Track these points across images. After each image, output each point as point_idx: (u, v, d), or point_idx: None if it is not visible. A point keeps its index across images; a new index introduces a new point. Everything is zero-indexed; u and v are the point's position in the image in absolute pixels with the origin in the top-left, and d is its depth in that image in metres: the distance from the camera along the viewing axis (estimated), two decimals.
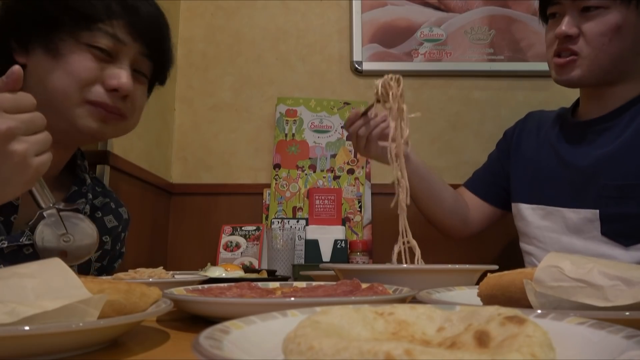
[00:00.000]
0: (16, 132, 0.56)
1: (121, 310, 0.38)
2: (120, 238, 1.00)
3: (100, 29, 0.76)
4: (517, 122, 1.31)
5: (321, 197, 1.46)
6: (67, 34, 0.76)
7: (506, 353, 0.21)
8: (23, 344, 0.31)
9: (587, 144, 1.06)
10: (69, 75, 0.75)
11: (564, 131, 1.14)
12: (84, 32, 0.76)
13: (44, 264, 0.38)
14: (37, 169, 0.59)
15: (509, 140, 1.28)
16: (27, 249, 0.79)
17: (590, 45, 0.99)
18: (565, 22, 1.00)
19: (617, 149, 1.00)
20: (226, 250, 1.33)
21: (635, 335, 0.25)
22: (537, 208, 1.12)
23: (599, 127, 1.05)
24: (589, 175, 1.02)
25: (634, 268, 0.39)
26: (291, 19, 1.74)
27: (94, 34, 0.76)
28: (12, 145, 0.56)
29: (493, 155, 1.33)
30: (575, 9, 1.01)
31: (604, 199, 0.99)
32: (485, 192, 1.28)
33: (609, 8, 0.98)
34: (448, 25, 1.70)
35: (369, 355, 0.20)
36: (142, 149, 1.43)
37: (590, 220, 1.01)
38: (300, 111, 1.64)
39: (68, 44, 0.76)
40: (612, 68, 1.01)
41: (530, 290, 0.41)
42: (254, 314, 0.30)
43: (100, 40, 0.76)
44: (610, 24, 0.98)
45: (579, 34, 1.00)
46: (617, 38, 0.98)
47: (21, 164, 0.57)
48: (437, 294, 0.50)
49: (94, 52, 0.77)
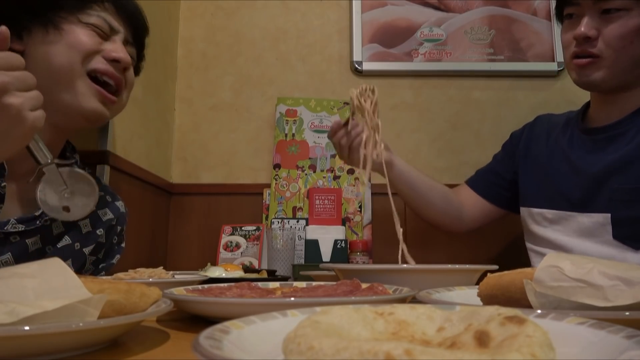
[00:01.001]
0: (10, 87, 0.57)
1: (121, 310, 0.38)
2: (117, 231, 0.99)
3: (92, 12, 0.82)
4: (526, 126, 1.30)
5: (321, 197, 1.46)
6: (67, 13, 0.80)
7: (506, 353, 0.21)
8: (23, 344, 0.31)
9: (599, 150, 1.06)
10: (72, 47, 0.79)
11: (575, 137, 1.13)
12: (81, 12, 0.81)
13: (44, 264, 0.38)
14: (33, 122, 0.60)
15: (516, 143, 1.28)
16: (14, 237, 0.79)
17: (611, 48, 0.98)
18: (585, 23, 0.99)
19: (628, 153, 0.99)
20: (226, 250, 1.33)
21: (635, 335, 0.25)
22: (549, 213, 1.12)
23: (611, 134, 1.05)
24: (600, 180, 1.02)
25: (634, 268, 0.39)
26: (291, 19, 1.74)
27: (90, 15, 0.82)
28: (7, 98, 0.57)
29: (498, 156, 1.33)
30: (595, 10, 0.99)
31: (615, 203, 0.99)
32: (485, 189, 1.28)
33: (631, 10, 0.97)
34: (448, 25, 1.70)
35: (369, 355, 0.20)
36: (142, 149, 1.43)
37: (602, 224, 1.01)
38: (300, 111, 1.64)
39: (68, 21, 0.80)
40: (633, 70, 1.00)
41: (530, 290, 0.41)
42: (254, 314, 0.30)
43: (94, 20, 0.82)
44: (632, 26, 0.96)
45: (597, 36, 0.99)
46: (638, 40, 0.97)
47: (17, 117, 0.58)
48: (437, 294, 0.50)
49: (93, 29, 0.81)
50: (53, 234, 0.86)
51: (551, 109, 1.26)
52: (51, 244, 0.86)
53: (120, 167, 1.25)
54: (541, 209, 1.14)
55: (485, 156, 1.38)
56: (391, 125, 1.67)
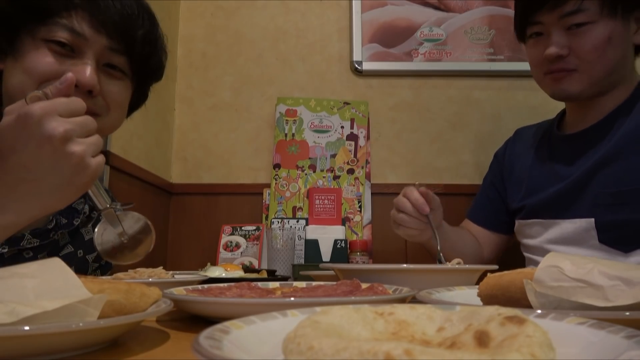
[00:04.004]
0: (73, 135, 0.56)
1: (121, 310, 0.38)
2: None
3: (58, 23, 0.72)
4: (507, 142, 1.32)
5: (321, 197, 1.46)
6: (25, 32, 0.72)
7: (506, 353, 0.21)
8: (23, 344, 0.31)
9: (578, 155, 1.07)
10: (25, 72, 0.71)
11: (553, 146, 1.15)
12: (41, 27, 0.72)
13: (44, 264, 0.38)
14: (95, 169, 0.59)
15: (501, 161, 1.29)
16: (27, 253, 0.78)
17: (585, 61, 0.99)
18: (555, 42, 1.00)
19: (607, 157, 1.00)
20: (226, 250, 1.33)
21: (635, 335, 0.25)
22: (535, 223, 1.13)
23: (588, 139, 1.06)
24: (582, 186, 1.03)
25: (634, 268, 0.39)
26: (291, 19, 1.74)
27: (51, 29, 0.72)
28: (70, 146, 0.56)
29: (487, 179, 1.33)
30: (561, 27, 1.00)
31: (598, 207, 1.00)
32: (488, 221, 1.28)
33: (597, 22, 0.98)
34: (448, 25, 1.70)
35: (369, 355, 0.20)
36: (142, 149, 1.43)
37: (586, 229, 1.01)
38: (300, 111, 1.64)
39: (26, 42, 0.72)
40: (607, 78, 1.01)
41: (530, 290, 0.41)
42: (254, 314, 0.30)
43: (58, 34, 0.72)
44: (602, 37, 0.98)
45: (569, 52, 1.00)
46: (609, 49, 0.98)
47: (80, 164, 0.57)
48: (437, 294, 0.50)
49: (53, 47, 0.72)
50: (59, 244, 0.86)
51: (551, 108, 1.26)
52: (56, 254, 0.86)
53: (120, 167, 1.25)
54: (527, 219, 1.15)
55: (485, 156, 1.38)
56: (391, 125, 1.67)
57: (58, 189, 0.58)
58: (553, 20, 1.00)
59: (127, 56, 0.79)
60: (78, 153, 0.56)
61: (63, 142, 0.55)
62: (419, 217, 1.05)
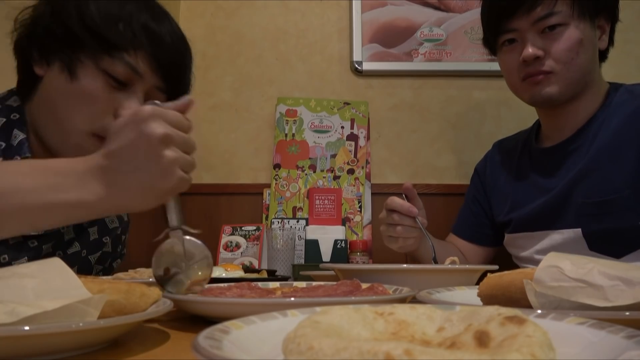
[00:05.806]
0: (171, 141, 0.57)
1: (121, 310, 0.38)
2: (121, 240, 1.01)
3: (122, 59, 0.75)
4: (486, 155, 1.32)
5: (321, 197, 1.46)
6: (88, 57, 0.75)
7: (506, 353, 0.21)
8: (23, 344, 0.31)
9: (557, 168, 1.08)
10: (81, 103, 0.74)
11: (533, 159, 1.15)
12: (105, 57, 0.75)
13: (44, 264, 0.38)
14: (179, 181, 0.60)
15: (482, 174, 1.30)
16: (32, 242, 0.78)
17: (561, 62, 1.01)
18: (530, 45, 1.01)
19: (585, 169, 1.01)
20: (226, 250, 1.33)
21: (635, 335, 0.25)
22: (523, 236, 1.13)
23: (566, 152, 1.07)
24: (565, 197, 1.04)
25: (634, 268, 0.39)
26: (291, 19, 1.74)
27: (114, 62, 0.75)
28: (165, 150, 0.57)
29: (470, 194, 1.33)
30: (535, 31, 1.02)
31: (584, 217, 1.00)
32: (473, 235, 1.28)
33: (569, 25, 1.00)
34: (448, 25, 1.70)
35: (369, 355, 0.20)
36: None
37: (574, 239, 1.02)
38: (300, 111, 1.64)
39: (86, 65, 0.75)
40: (581, 80, 1.03)
41: (530, 290, 0.41)
42: (254, 314, 0.30)
43: (118, 70, 0.75)
44: (573, 38, 1.00)
45: (545, 55, 1.01)
46: (582, 51, 1.00)
47: (167, 170, 0.58)
48: (437, 294, 0.50)
49: (109, 81, 0.75)
50: (64, 239, 0.86)
51: None
52: (61, 249, 0.86)
53: None
54: (515, 233, 1.15)
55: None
56: (391, 126, 1.67)
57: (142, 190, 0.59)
58: (527, 25, 1.02)
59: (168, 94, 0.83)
60: (169, 158, 0.57)
61: (160, 143, 0.56)
62: (412, 223, 1.05)
